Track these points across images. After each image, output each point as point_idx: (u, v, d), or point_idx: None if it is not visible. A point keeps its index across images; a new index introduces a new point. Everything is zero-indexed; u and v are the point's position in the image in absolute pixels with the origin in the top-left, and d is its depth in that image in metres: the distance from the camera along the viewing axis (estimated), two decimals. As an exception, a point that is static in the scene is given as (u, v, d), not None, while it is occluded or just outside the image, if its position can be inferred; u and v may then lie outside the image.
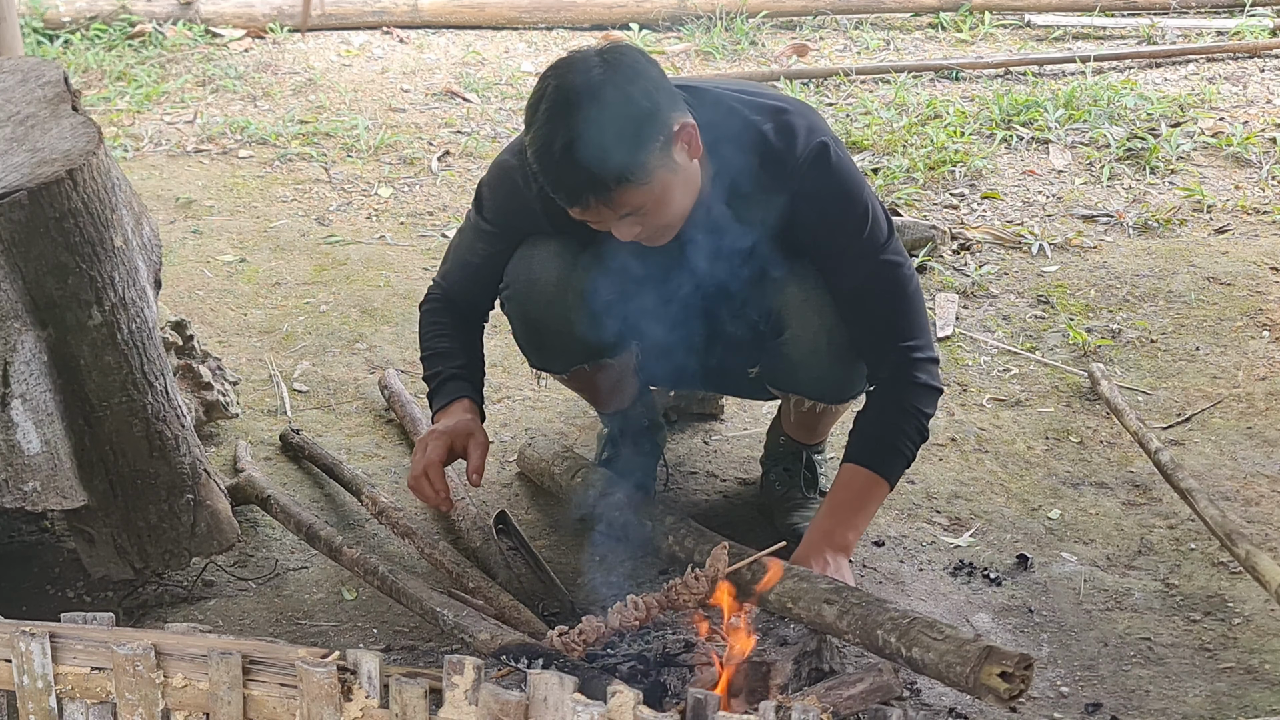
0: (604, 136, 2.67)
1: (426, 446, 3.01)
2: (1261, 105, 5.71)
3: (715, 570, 2.76)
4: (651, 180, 2.74)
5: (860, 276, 2.96)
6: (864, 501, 3.01)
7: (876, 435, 3.01)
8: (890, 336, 2.99)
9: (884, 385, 3.03)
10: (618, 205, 2.74)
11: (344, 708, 2.14)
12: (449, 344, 3.16)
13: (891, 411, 3.01)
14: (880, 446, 3.01)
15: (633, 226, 2.80)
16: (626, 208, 2.75)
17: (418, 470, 3.00)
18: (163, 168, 5.43)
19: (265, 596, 3.22)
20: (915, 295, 3.01)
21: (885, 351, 3.00)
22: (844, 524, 2.99)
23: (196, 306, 4.39)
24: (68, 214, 2.81)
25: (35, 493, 2.92)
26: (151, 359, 2.98)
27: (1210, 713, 2.85)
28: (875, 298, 2.98)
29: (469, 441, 3.02)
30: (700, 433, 3.78)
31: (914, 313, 3.00)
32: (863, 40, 6.61)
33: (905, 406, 3.00)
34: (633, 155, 2.70)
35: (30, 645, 2.22)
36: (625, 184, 2.71)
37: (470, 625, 2.83)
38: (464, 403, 3.09)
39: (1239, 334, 4.23)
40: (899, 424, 3.00)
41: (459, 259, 3.19)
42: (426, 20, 6.84)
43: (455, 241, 3.22)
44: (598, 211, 2.76)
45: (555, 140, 2.69)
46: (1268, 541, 3.35)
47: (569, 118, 2.68)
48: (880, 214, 2.98)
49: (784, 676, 2.65)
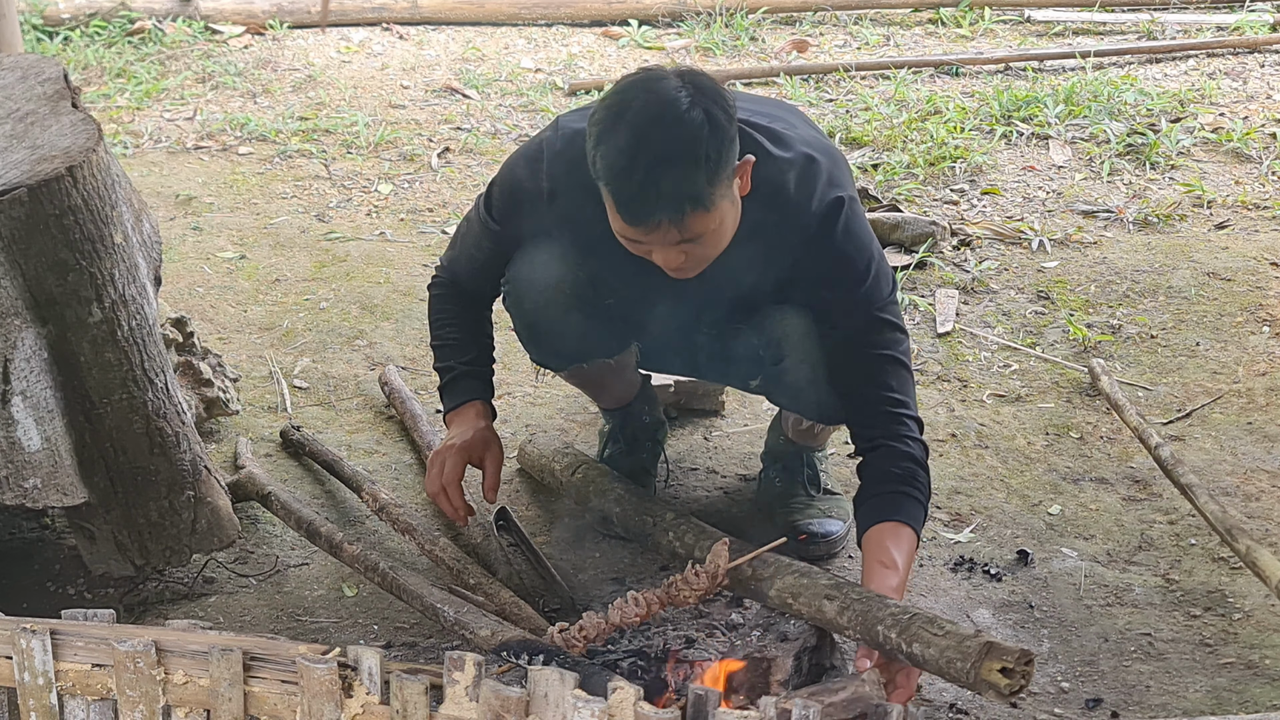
0: (693, 158, 2.63)
1: (444, 463, 3.03)
2: (1261, 100, 5.70)
3: (715, 566, 2.76)
4: (719, 209, 2.70)
5: (852, 327, 2.90)
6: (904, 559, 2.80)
7: (888, 491, 2.86)
8: (879, 394, 2.91)
9: (878, 446, 2.91)
10: (685, 229, 2.68)
11: (345, 704, 2.14)
12: (458, 334, 3.16)
13: (893, 467, 2.88)
14: (895, 499, 2.85)
15: (679, 255, 2.74)
16: (690, 233, 2.69)
17: (435, 488, 3.04)
18: (162, 164, 5.43)
19: (266, 593, 3.22)
20: (905, 358, 2.93)
21: (874, 409, 2.92)
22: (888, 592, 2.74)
23: (197, 303, 4.39)
24: (68, 211, 2.81)
25: (36, 490, 2.92)
26: (152, 356, 2.98)
27: (1210, 708, 2.85)
28: (865, 351, 2.91)
29: (485, 454, 3.06)
30: (701, 429, 3.78)
31: (903, 375, 2.92)
32: (862, 36, 6.61)
33: (905, 462, 2.88)
34: (714, 181, 2.66)
35: (31, 642, 2.22)
36: (699, 209, 2.66)
37: (471, 621, 2.83)
38: (476, 406, 3.10)
39: (1239, 329, 4.23)
40: (906, 476, 2.87)
41: (465, 251, 3.16)
42: (426, 17, 6.83)
43: (463, 231, 3.18)
44: (662, 233, 2.69)
45: (640, 154, 2.63)
46: (1268, 537, 3.35)
47: (658, 133, 2.63)
48: (884, 274, 2.92)
49: (785, 673, 2.66)
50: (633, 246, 2.77)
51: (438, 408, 3.88)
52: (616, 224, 2.74)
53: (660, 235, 2.69)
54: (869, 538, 2.83)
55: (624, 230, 2.73)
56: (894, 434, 2.90)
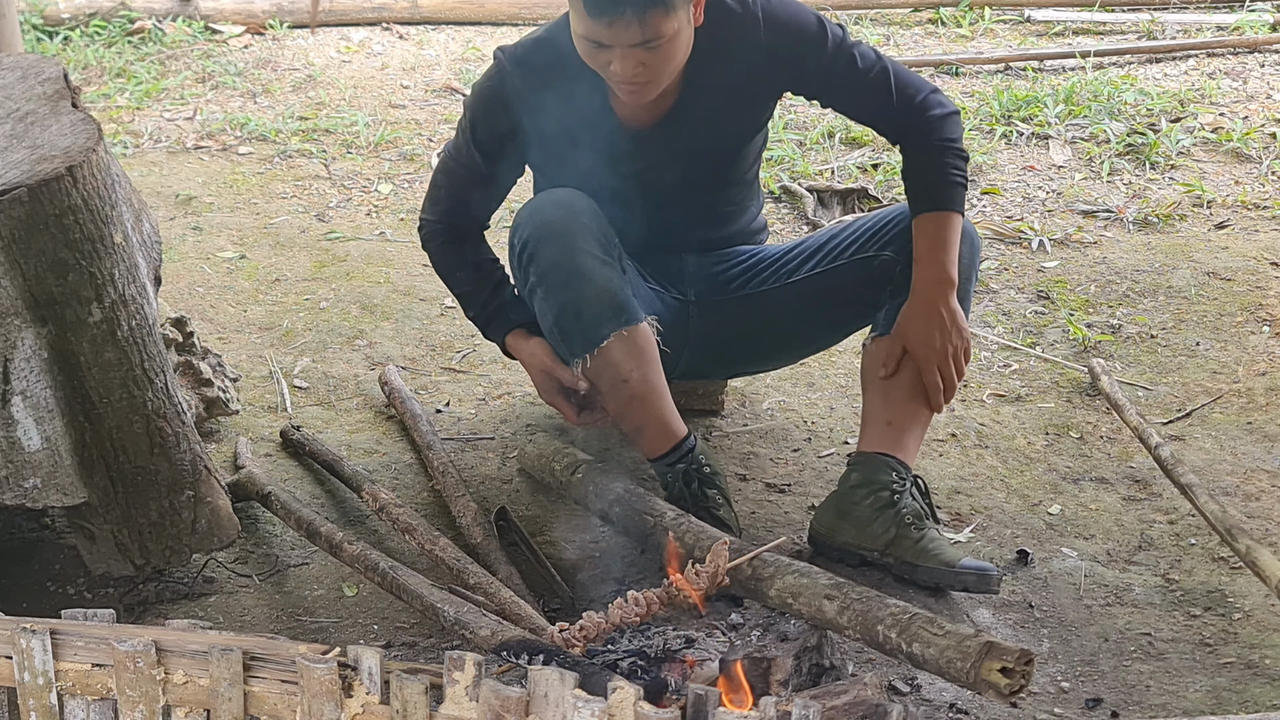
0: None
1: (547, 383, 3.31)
2: (1261, 100, 5.70)
3: (716, 566, 2.76)
4: (677, 15, 2.97)
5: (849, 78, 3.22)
6: (948, 239, 3.18)
7: (926, 180, 3.23)
8: (897, 104, 3.24)
9: (908, 139, 3.27)
10: (646, 25, 2.93)
11: (345, 704, 2.14)
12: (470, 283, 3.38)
13: (927, 154, 3.24)
14: (934, 186, 3.21)
15: (637, 64, 2.98)
16: (651, 32, 2.94)
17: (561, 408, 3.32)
18: (162, 164, 5.43)
19: (266, 593, 3.22)
20: (889, 60, 3.27)
21: (899, 117, 3.25)
22: (941, 265, 3.16)
23: (196, 303, 4.39)
24: (67, 210, 2.81)
25: (36, 489, 2.92)
26: (152, 355, 2.98)
27: (1210, 708, 2.85)
28: (870, 86, 3.22)
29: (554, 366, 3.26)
30: (700, 428, 3.78)
31: (899, 72, 3.26)
32: (862, 35, 6.60)
33: (935, 143, 3.23)
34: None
35: (31, 642, 2.22)
36: (660, 6, 2.92)
37: (471, 621, 2.83)
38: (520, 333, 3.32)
39: (1239, 329, 4.23)
40: (939, 160, 3.22)
41: (452, 193, 3.38)
42: (426, 16, 6.84)
43: (443, 179, 3.40)
44: (624, 26, 2.92)
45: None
46: (1268, 536, 3.35)
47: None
48: (831, 23, 3.22)
49: (785, 672, 2.66)
50: (594, 54, 3.01)
51: (437, 407, 3.89)
52: (581, 24, 2.98)
53: (622, 29, 2.93)
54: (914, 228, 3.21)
55: (588, 29, 2.97)
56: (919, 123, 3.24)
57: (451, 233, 3.39)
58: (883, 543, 3.17)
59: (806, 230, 4.86)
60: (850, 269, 3.39)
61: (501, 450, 3.70)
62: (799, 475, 3.62)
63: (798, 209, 5.00)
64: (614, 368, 3.18)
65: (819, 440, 3.77)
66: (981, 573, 3.09)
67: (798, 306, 3.45)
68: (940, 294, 3.16)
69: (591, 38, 2.99)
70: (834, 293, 3.40)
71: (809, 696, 2.56)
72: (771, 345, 3.58)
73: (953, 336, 3.17)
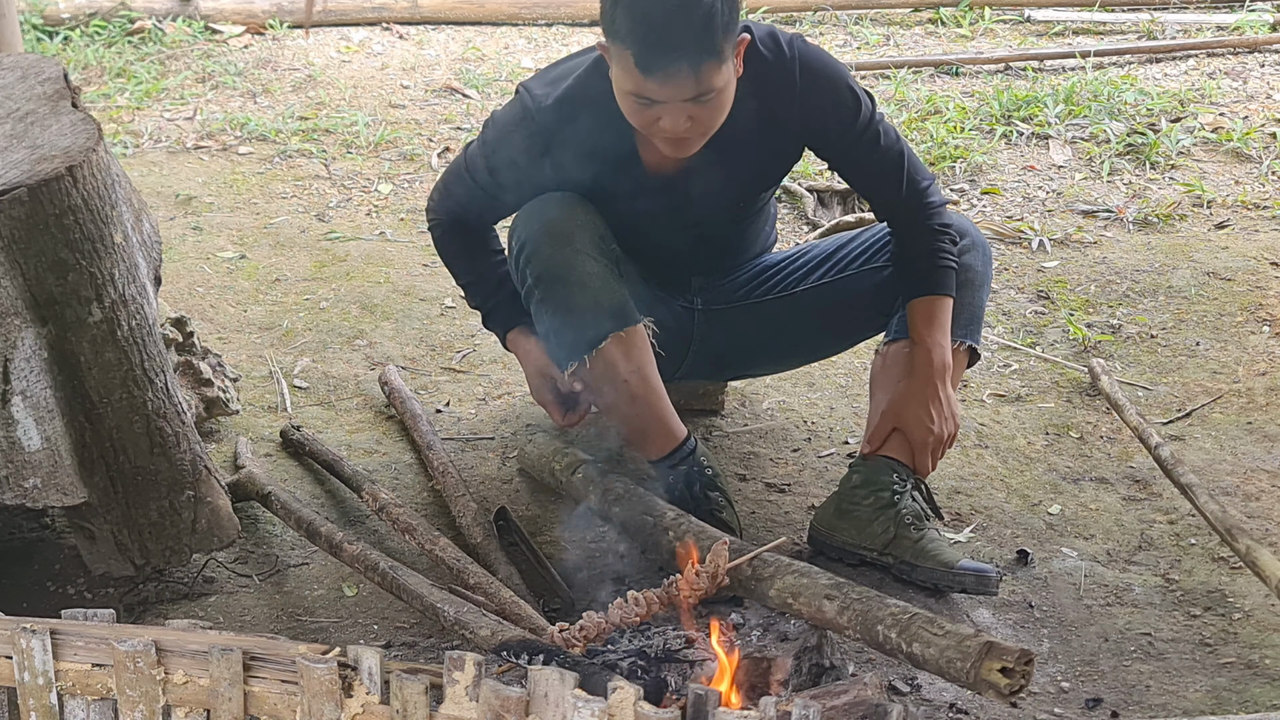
0: (710, 11, 2.84)
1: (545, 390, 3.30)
2: (1261, 100, 5.70)
3: (715, 566, 2.76)
4: (727, 66, 2.91)
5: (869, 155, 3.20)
6: (944, 321, 3.22)
7: (921, 265, 3.24)
8: (905, 192, 3.23)
9: (907, 225, 3.27)
10: (700, 79, 2.87)
11: (345, 704, 2.14)
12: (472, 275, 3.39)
13: (924, 240, 3.24)
14: (929, 271, 3.23)
15: (686, 119, 2.92)
16: (704, 85, 2.88)
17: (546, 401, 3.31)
18: (162, 164, 5.43)
19: (266, 593, 3.22)
20: (905, 143, 3.25)
21: (903, 203, 3.25)
22: (939, 348, 3.20)
23: (196, 303, 4.39)
24: (67, 210, 2.81)
25: (36, 489, 2.92)
26: (152, 355, 2.98)
27: (1210, 708, 2.85)
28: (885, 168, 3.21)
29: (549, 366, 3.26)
30: (700, 428, 3.78)
31: (912, 158, 3.25)
32: (862, 35, 6.61)
33: (932, 229, 3.24)
34: (726, 35, 2.89)
35: (31, 642, 2.22)
36: (713, 59, 2.86)
37: (471, 621, 2.83)
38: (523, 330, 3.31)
39: (1239, 329, 4.23)
40: (934, 245, 3.23)
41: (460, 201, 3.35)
42: (426, 16, 6.84)
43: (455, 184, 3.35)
44: (678, 83, 2.86)
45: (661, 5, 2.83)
46: (1268, 536, 3.35)
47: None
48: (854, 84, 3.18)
49: (785, 672, 2.66)
50: (641, 112, 2.93)
51: (437, 407, 3.88)
52: (631, 81, 2.90)
53: (676, 86, 2.86)
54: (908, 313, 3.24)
55: (639, 86, 2.89)
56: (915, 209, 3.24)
57: (457, 225, 3.39)
58: (882, 542, 3.17)
59: (806, 230, 4.86)
60: (859, 279, 3.40)
61: (501, 450, 3.70)
62: (799, 475, 3.62)
63: (798, 209, 5.00)
64: (612, 369, 3.17)
65: (819, 440, 3.77)
66: (980, 574, 3.10)
67: (805, 315, 3.45)
68: (936, 378, 3.19)
69: (642, 94, 2.90)
70: (843, 303, 3.41)
71: (809, 696, 2.56)
72: (776, 352, 3.59)
73: (948, 423, 3.22)
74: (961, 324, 3.29)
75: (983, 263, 3.33)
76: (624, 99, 2.95)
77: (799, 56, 3.11)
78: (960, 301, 3.28)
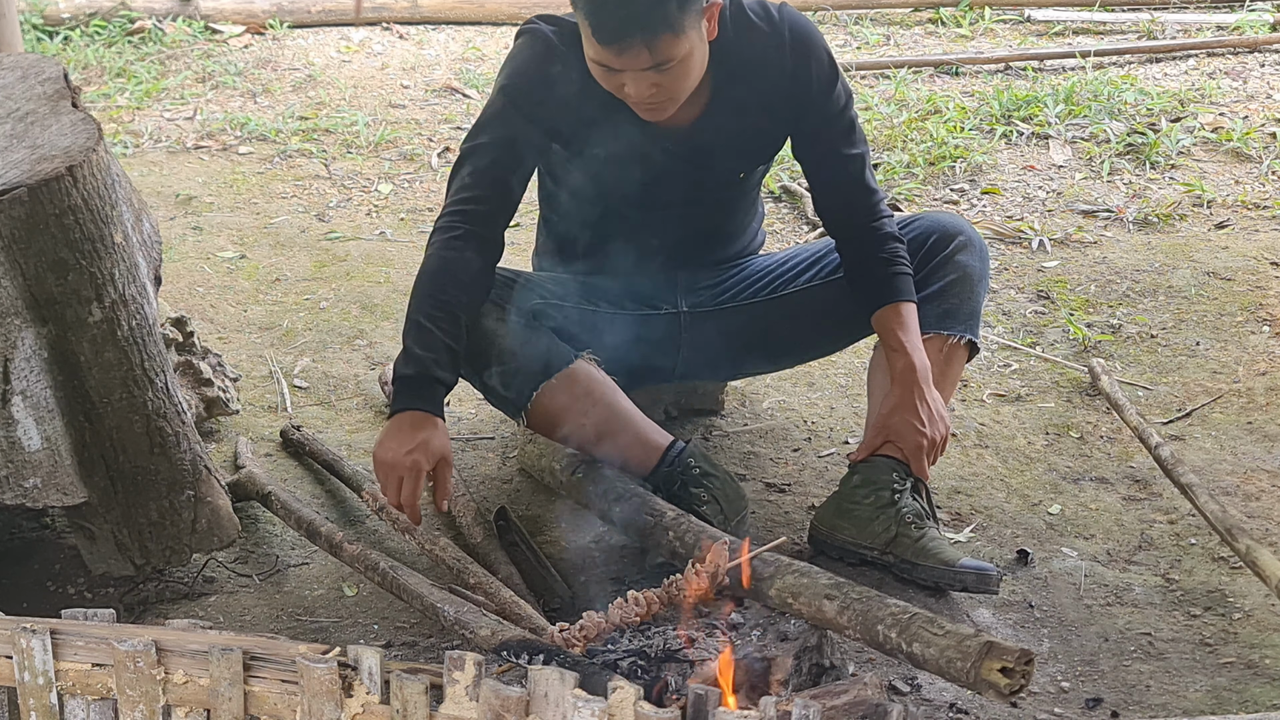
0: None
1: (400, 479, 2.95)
2: (1261, 100, 5.70)
3: (715, 566, 2.76)
4: (688, 36, 2.92)
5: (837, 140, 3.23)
6: (913, 325, 3.21)
7: (877, 275, 3.24)
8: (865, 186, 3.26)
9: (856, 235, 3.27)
10: (656, 51, 2.89)
11: (345, 704, 2.14)
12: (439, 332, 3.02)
13: (875, 249, 3.24)
14: (886, 279, 3.22)
15: (650, 86, 2.94)
16: (661, 56, 2.90)
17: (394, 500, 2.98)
18: (162, 164, 5.43)
19: (266, 593, 3.22)
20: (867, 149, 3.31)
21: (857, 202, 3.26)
22: (915, 351, 3.18)
23: (197, 303, 4.39)
24: (68, 210, 2.81)
25: (36, 489, 2.92)
26: (152, 355, 2.98)
27: (1211, 708, 2.85)
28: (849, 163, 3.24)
29: (439, 464, 2.99)
30: (700, 428, 3.78)
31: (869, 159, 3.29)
32: (862, 35, 6.61)
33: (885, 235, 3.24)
34: (684, 8, 2.89)
35: (31, 642, 2.22)
36: (668, 30, 2.88)
37: (471, 621, 2.83)
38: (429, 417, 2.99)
39: (1239, 329, 4.23)
40: (887, 251, 3.24)
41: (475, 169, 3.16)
42: (426, 16, 6.84)
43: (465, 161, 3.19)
44: (634, 54, 2.89)
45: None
46: (1268, 536, 3.35)
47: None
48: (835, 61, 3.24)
49: (785, 672, 2.66)
50: (607, 78, 2.97)
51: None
52: (591, 49, 2.95)
53: (632, 57, 2.90)
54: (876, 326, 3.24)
55: (598, 54, 2.93)
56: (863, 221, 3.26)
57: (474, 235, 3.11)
58: (882, 542, 3.17)
59: (806, 230, 4.86)
60: None
61: (501, 450, 3.70)
62: (799, 475, 3.62)
63: (798, 209, 5.00)
64: (562, 413, 3.18)
65: (819, 440, 3.77)
66: (981, 572, 3.09)
67: (794, 317, 3.44)
68: (919, 382, 3.18)
69: (602, 62, 2.96)
70: (834, 305, 3.39)
71: (809, 696, 2.56)
72: (768, 353, 3.57)
73: (937, 426, 3.20)
74: (961, 319, 3.29)
75: (979, 260, 3.33)
76: (591, 65, 3.00)
77: (786, 19, 3.17)
78: (958, 298, 3.28)
